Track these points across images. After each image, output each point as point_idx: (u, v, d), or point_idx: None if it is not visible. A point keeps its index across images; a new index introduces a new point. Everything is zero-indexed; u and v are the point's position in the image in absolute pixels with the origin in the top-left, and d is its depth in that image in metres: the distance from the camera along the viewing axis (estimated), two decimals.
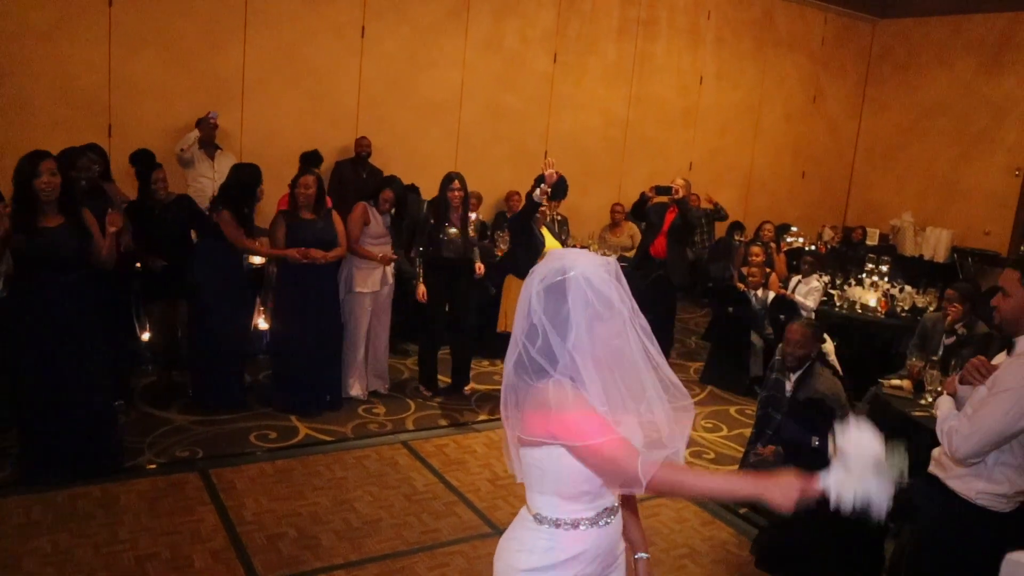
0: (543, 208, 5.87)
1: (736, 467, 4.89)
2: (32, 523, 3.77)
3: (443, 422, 5.49)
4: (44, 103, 6.64)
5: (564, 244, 7.68)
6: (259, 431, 5.05)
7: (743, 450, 5.03)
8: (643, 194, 7.77)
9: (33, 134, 6.03)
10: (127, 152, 6.10)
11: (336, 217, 5.42)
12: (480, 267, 5.97)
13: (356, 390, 5.71)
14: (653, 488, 1.73)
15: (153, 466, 4.48)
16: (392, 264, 5.81)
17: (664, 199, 7.32)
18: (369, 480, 4.51)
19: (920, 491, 2.93)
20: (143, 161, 5.63)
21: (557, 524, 1.88)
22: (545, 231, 5.99)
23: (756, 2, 10.73)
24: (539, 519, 1.90)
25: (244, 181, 5.28)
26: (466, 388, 6.04)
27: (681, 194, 7.07)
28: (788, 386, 4.62)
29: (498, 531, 4.06)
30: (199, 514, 3.99)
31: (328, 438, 5.06)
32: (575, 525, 1.87)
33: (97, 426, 4.35)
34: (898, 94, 11.86)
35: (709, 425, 5.84)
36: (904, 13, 11.65)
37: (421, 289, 5.72)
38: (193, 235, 5.61)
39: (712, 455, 5.29)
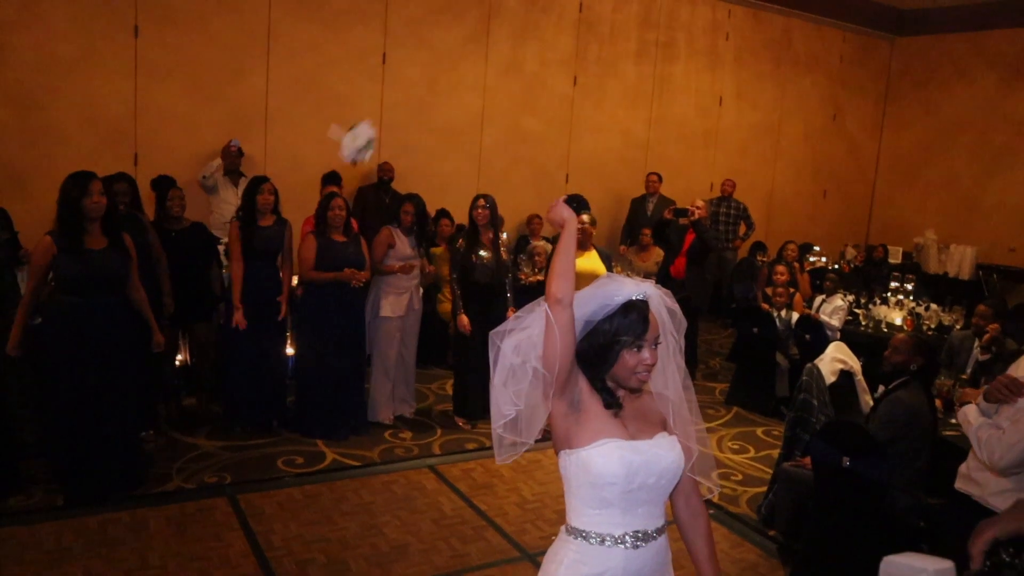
0: (587, 229, 5.66)
1: (764, 489, 4.83)
2: (64, 549, 3.78)
3: (470, 446, 5.47)
4: (72, 133, 6.76)
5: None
6: (286, 456, 5.06)
7: (771, 472, 4.98)
8: (662, 216, 7.75)
9: (62, 163, 6.11)
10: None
11: (363, 241, 5.46)
12: (512, 312, 5.85)
13: (382, 415, 5.70)
14: None
15: (178, 489, 4.50)
16: (419, 283, 5.79)
17: (684, 221, 7.30)
18: (397, 505, 4.50)
19: (951, 512, 2.87)
20: (162, 185, 5.69)
21: (585, 536, 1.90)
22: (594, 253, 5.70)
23: (774, 22, 10.78)
24: (568, 530, 1.94)
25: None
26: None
27: (696, 216, 7.04)
28: (815, 402, 4.58)
29: (527, 555, 4.05)
30: (228, 539, 3.98)
31: (355, 463, 5.05)
32: (601, 540, 1.89)
33: (125, 447, 4.41)
34: (918, 111, 11.84)
35: (735, 446, 5.79)
36: (922, 30, 11.66)
37: (463, 320, 5.58)
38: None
39: (740, 476, 5.24)
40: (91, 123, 6.83)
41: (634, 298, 1.93)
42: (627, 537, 1.89)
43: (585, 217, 5.53)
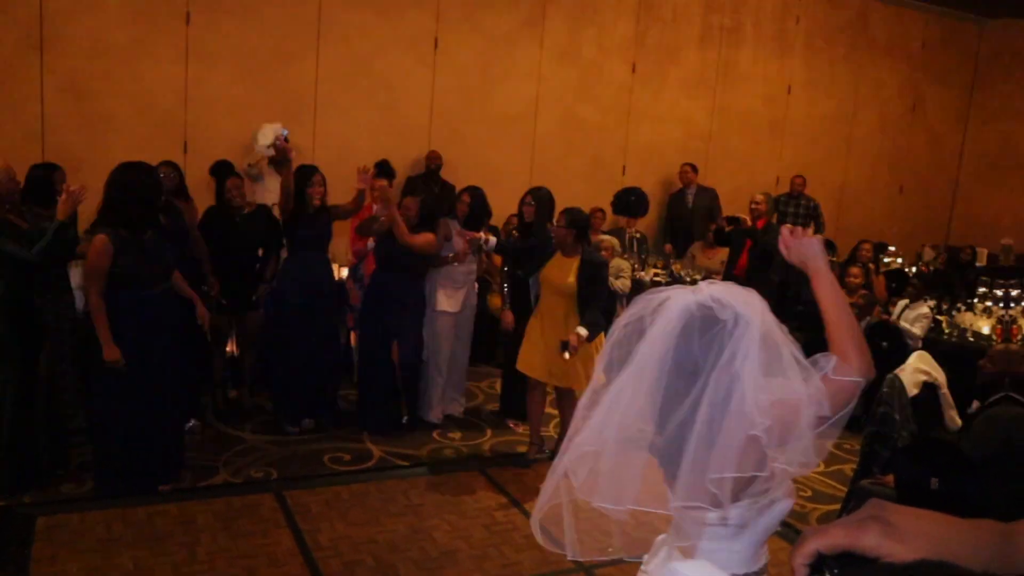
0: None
1: (838, 507, 4.51)
2: (114, 539, 3.79)
3: (521, 448, 5.26)
4: (124, 120, 6.72)
5: (643, 263, 7.35)
6: (333, 453, 4.95)
7: (843, 488, 4.65)
8: (719, 227, 7.38)
9: (113, 150, 6.06)
10: (201, 168, 6.12)
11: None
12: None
13: (432, 413, 5.52)
14: None
15: (225, 483, 4.43)
16: (475, 277, 5.66)
17: (732, 228, 6.95)
18: (446, 508, 4.35)
19: None
20: (220, 171, 5.59)
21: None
22: (576, 262, 4.88)
23: (849, 5, 10.23)
24: None
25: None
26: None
27: (749, 224, 6.69)
28: (896, 416, 4.25)
29: (581, 567, 3.84)
30: (275, 537, 3.92)
31: (403, 462, 4.92)
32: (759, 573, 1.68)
33: (170, 438, 4.37)
34: (1009, 101, 11.07)
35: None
36: (1015, 13, 10.85)
37: (508, 317, 5.32)
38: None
39: (809, 492, 4.90)
40: (142, 110, 6.79)
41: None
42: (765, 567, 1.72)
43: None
